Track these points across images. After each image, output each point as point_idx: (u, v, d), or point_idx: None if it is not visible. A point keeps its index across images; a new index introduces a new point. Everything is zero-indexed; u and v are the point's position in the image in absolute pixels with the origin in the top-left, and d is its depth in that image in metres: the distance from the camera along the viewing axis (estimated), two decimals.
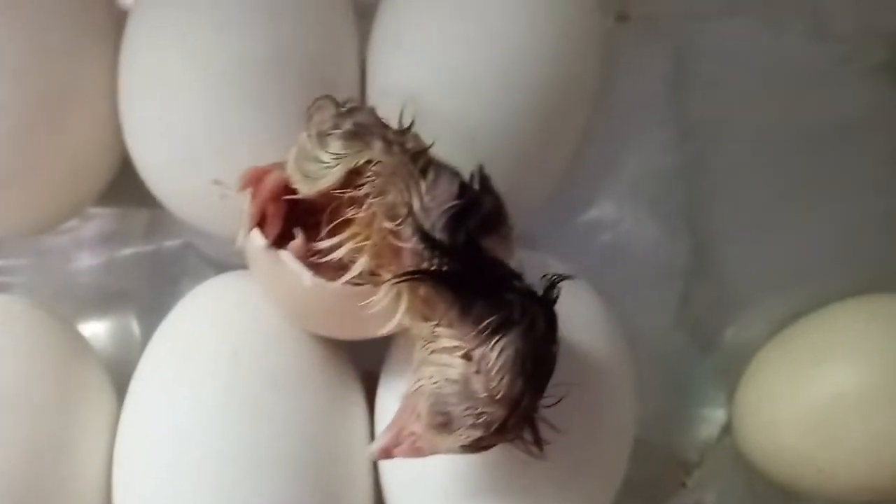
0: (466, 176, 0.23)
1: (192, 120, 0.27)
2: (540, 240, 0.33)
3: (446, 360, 0.21)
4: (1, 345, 0.27)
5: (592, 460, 0.27)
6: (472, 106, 0.28)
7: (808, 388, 0.30)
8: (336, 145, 0.22)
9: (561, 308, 0.22)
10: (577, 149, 0.31)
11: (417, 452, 0.22)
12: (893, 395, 0.29)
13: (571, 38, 0.29)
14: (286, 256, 0.23)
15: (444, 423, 0.21)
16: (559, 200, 0.33)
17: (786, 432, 0.31)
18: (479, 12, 0.28)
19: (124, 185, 0.32)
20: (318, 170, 0.22)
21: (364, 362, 0.29)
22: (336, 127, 0.22)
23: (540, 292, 0.21)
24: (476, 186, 0.23)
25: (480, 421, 0.21)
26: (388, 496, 0.28)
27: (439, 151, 0.23)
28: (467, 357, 0.21)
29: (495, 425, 0.21)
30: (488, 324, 0.20)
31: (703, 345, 0.34)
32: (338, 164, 0.22)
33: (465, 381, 0.21)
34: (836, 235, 0.34)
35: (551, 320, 0.21)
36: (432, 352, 0.21)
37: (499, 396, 0.20)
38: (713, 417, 0.34)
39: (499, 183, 0.24)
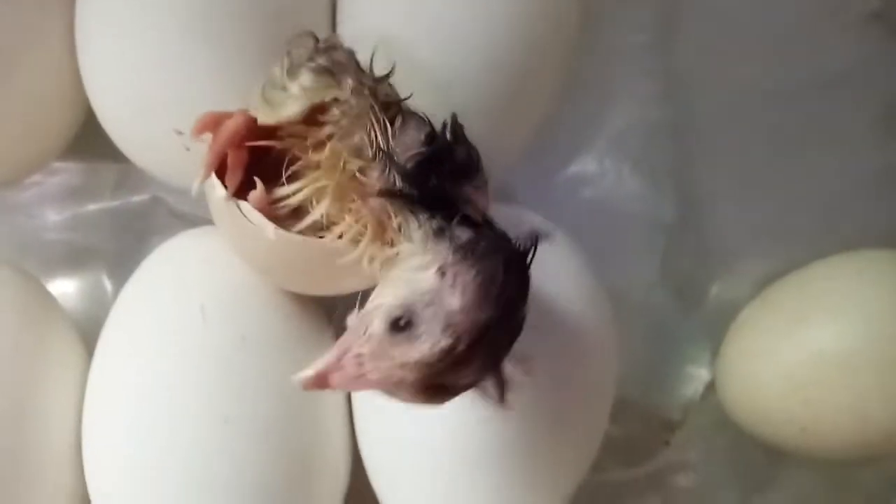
0: (439, 125, 0.22)
1: (153, 68, 0.27)
2: (521, 194, 0.33)
3: (416, 276, 0.20)
4: None
5: (572, 417, 0.27)
6: (448, 54, 0.27)
7: (791, 347, 0.30)
8: (306, 77, 0.22)
9: (541, 262, 0.21)
10: (555, 101, 0.31)
11: (359, 381, 0.19)
12: (876, 352, 0.29)
13: None
14: (248, 208, 0.22)
15: (406, 325, 0.19)
16: (540, 154, 0.33)
17: (769, 391, 0.31)
18: None
19: (91, 139, 0.31)
20: (281, 99, 0.22)
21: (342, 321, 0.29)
22: (310, 60, 0.22)
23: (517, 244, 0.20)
24: (448, 136, 0.22)
25: (449, 332, 0.19)
26: (365, 455, 0.28)
27: (412, 100, 0.23)
28: (441, 272, 0.19)
29: (463, 344, 0.19)
30: (468, 242, 0.19)
31: (687, 302, 0.34)
32: (301, 98, 0.21)
33: (436, 293, 0.19)
34: (824, 193, 0.34)
35: (525, 271, 0.20)
36: (397, 272, 0.20)
37: (471, 311, 0.19)
38: (697, 376, 0.34)
39: (473, 134, 0.23)
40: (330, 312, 0.29)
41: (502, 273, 0.19)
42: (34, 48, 0.28)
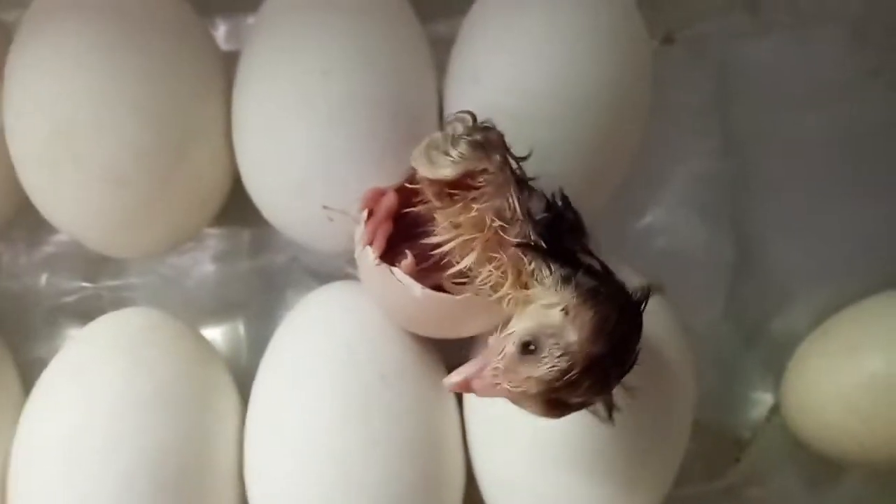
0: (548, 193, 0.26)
1: (302, 153, 0.31)
2: (604, 245, 0.36)
3: (545, 312, 0.23)
4: (149, 351, 0.31)
5: (660, 435, 0.30)
6: (544, 130, 0.31)
7: (848, 372, 0.33)
8: (463, 147, 0.25)
9: None
10: (632, 162, 0.34)
11: (493, 388, 0.23)
12: None
13: (626, 64, 0.32)
14: (399, 273, 0.27)
15: (533, 349, 0.23)
16: (617, 208, 0.36)
17: (830, 411, 0.34)
18: (546, 46, 0.32)
19: (231, 209, 0.36)
20: (442, 161, 0.25)
21: (452, 359, 0.33)
22: (468, 134, 0.26)
23: (637, 293, 0.24)
24: (559, 203, 0.26)
25: (565, 357, 0.22)
26: (477, 468, 0.32)
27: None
28: (565, 311, 0.23)
29: (576, 370, 0.23)
30: (591, 289, 0.23)
31: (750, 335, 0.37)
32: (458, 163, 0.25)
33: (559, 328, 0.23)
34: (871, 234, 0.37)
35: (638, 317, 0.24)
36: (531, 308, 0.24)
37: (585, 345, 0.23)
38: (762, 400, 0.37)
39: (571, 188, 0.27)
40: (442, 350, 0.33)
41: (616, 316, 0.23)
42: (198, 135, 0.33)
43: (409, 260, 0.27)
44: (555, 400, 0.23)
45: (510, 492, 0.31)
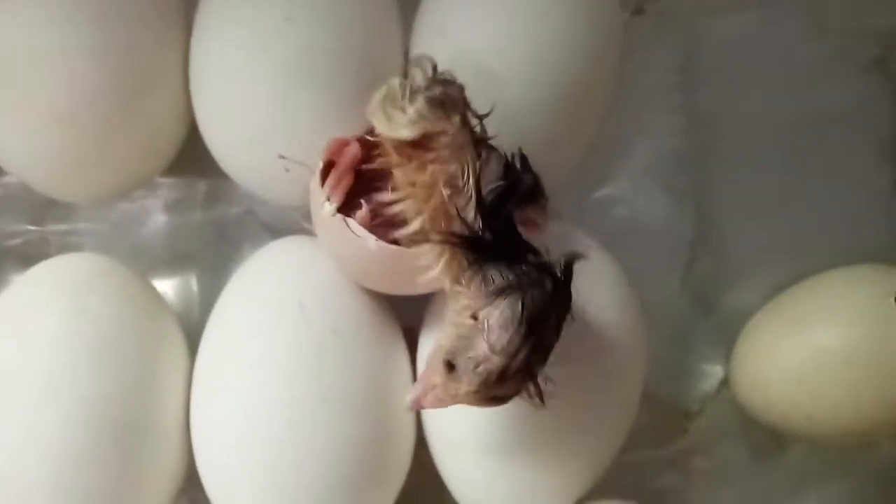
0: (508, 153, 0.26)
1: (260, 101, 0.30)
2: (564, 212, 0.36)
3: (459, 320, 0.24)
4: (93, 297, 0.30)
5: (606, 404, 0.31)
6: (509, 89, 0.30)
7: (797, 346, 0.34)
8: (421, 105, 0.24)
9: (583, 273, 0.25)
10: (597, 131, 0.34)
11: (440, 403, 0.25)
12: (869, 351, 0.32)
13: (596, 31, 0.32)
14: (354, 224, 0.27)
15: (451, 372, 0.24)
16: (581, 178, 0.36)
17: (777, 385, 0.34)
18: (515, 8, 0.31)
19: (184, 157, 0.35)
20: (399, 119, 0.25)
21: (406, 319, 0.33)
22: (427, 89, 0.25)
23: (560, 265, 0.25)
24: (517, 165, 0.26)
25: (480, 370, 0.24)
26: (429, 433, 0.32)
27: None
28: (474, 317, 0.24)
29: (493, 376, 0.24)
30: (496, 288, 0.24)
31: (705, 308, 0.38)
32: (417, 123, 0.24)
33: (469, 338, 0.24)
34: (826, 213, 0.37)
35: (564, 290, 0.24)
36: (453, 313, 0.25)
37: (496, 350, 0.23)
38: (712, 372, 0.38)
39: (534, 152, 0.26)
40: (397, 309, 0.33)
41: (529, 309, 0.23)
42: (154, 78, 0.32)
43: (363, 212, 0.27)
44: (492, 397, 0.25)
45: (458, 454, 0.31)
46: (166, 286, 0.37)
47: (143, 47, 0.32)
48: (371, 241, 0.26)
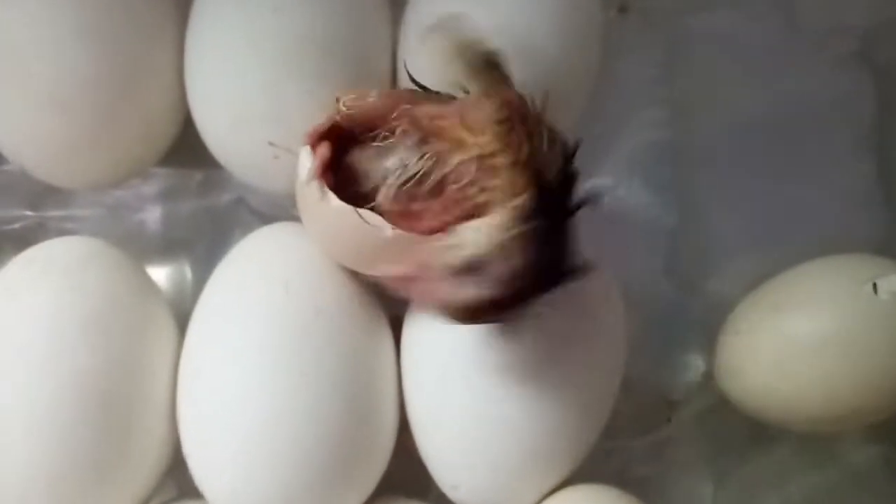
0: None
1: (252, 91, 0.31)
2: None
3: (490, 236, 0.24)
4: (85, 277, 0.31)
5: (590, 390, 0.31)
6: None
7: (774, 333, 0.34)
8: (492, 61, 0.25)
9: None
10: (579, 124, 0.34)
11: (425, 295, 0.25)
12: (843, 340, 0.32)
13: (577, 26, 0.33)
14: (331, 196, 0.27)
15: (467, 269, 0.24)
16: None
17: (756, 373, 0.34)
18: (496, 3, 0.32)
19: (180, 148, 0.36)
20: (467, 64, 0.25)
21: (393, 308, 0.33)
22: (493, 55, 0.25)
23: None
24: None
25: (492, 284, 0.24)
26: (410, 414, 0.32)
27: None
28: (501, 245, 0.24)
29: (500, 296, 0.24)
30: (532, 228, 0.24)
31: (687, 299, 0.38)
32: (482, 77, 0.25)
33: (493, 258, 0.24)
34: (805, 205, 0.38)
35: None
36: (489, 224, 0.24)
37: (508, 276, 0.24)
38: (695, 363, 0.38)
39: None
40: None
41: (538, 250, 0.24)
42: (149, 67, 0.33)
43: (324, 150, 0.27)
44: (472, 313, 0.25)
45: (438, 436, 0.32)
46: (160, 272, 0.38)
47: (139, 35, 0.33)
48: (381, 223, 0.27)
